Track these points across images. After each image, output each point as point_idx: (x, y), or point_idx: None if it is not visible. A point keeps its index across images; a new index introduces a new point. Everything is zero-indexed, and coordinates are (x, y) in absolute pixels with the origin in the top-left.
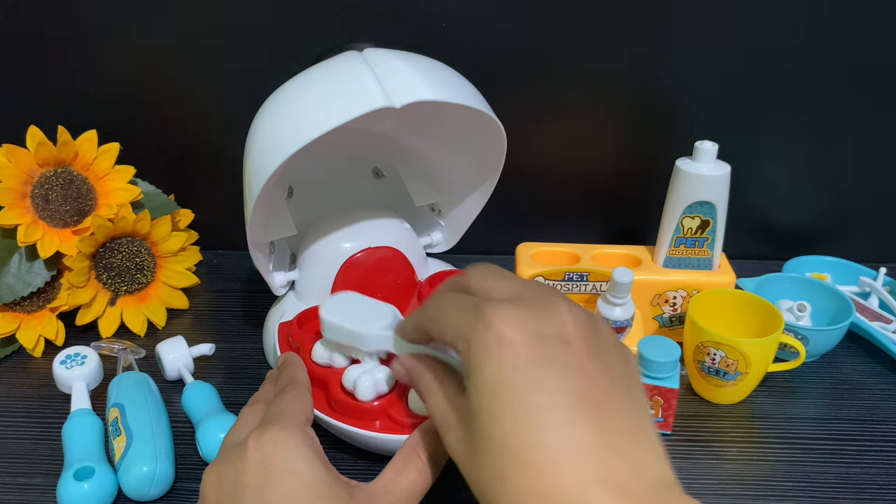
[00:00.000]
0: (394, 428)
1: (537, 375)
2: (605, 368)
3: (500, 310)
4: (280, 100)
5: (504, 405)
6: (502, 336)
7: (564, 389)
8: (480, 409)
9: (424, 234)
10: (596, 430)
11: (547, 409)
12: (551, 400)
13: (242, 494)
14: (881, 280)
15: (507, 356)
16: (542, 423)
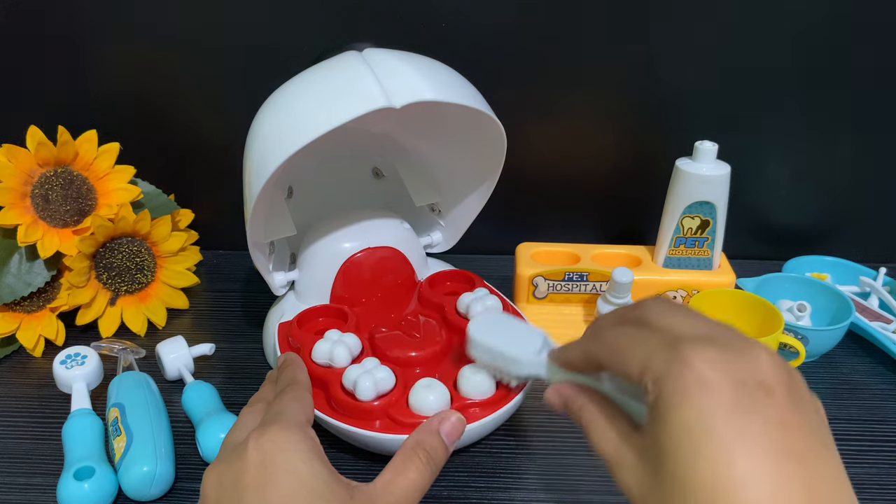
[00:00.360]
0: (394, 428)
1: (740, 423)
2: (806, 421)
3: (700, 350)
4: (280, 100)
5: (704, 449)
6: (703, 377)
7: (768, 441)
8: (674, 451)
9: (424, 234)
10: (801, 483)
11: (751, 458)
12: (756, 451)
13: (242, 494)
14: (881, 280)
15: (708, 399)
16: (747, 475)
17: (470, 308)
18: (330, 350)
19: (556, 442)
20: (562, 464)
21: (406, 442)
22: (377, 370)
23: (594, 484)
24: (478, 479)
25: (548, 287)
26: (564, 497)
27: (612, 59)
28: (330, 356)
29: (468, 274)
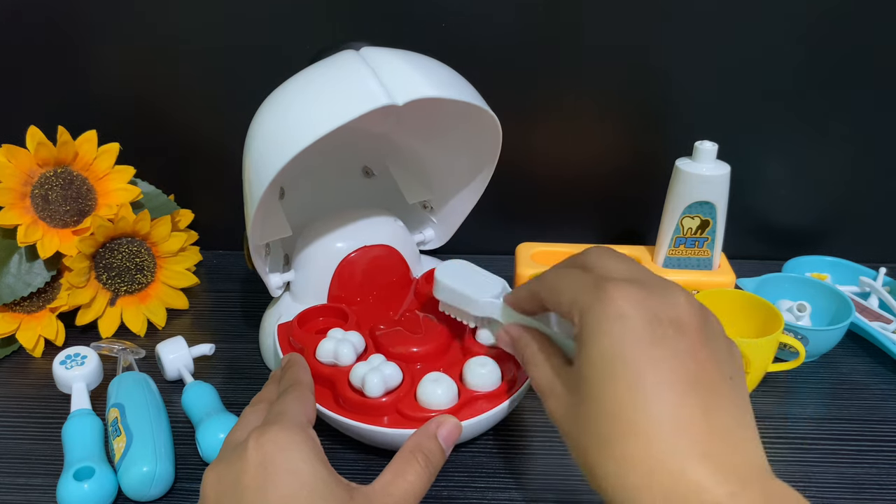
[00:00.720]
0: (403, 423)
1: (652, 353)
2: (714, 356)
3: (621, 287)
4: (280, 99)
5: (617, 376)
6: (621, 312)
7: (676, 370)
8: (592, 378)
9: (416, 231)
10: (703, 412)
11: (658, 386)
12: (663, 377)
13: (242, 494)
14: (881, 280)
15: (624, 331)
16: (654, 397)
17: None
18: (335, 349)
19: (555, 442)
20: (562, 464)
21: (404, 445)
22: (385, 366)
23: None
24: (478, 479)
25: None
26: (564, 497)
27: (612, 59)
28: (335, 355)
29: None
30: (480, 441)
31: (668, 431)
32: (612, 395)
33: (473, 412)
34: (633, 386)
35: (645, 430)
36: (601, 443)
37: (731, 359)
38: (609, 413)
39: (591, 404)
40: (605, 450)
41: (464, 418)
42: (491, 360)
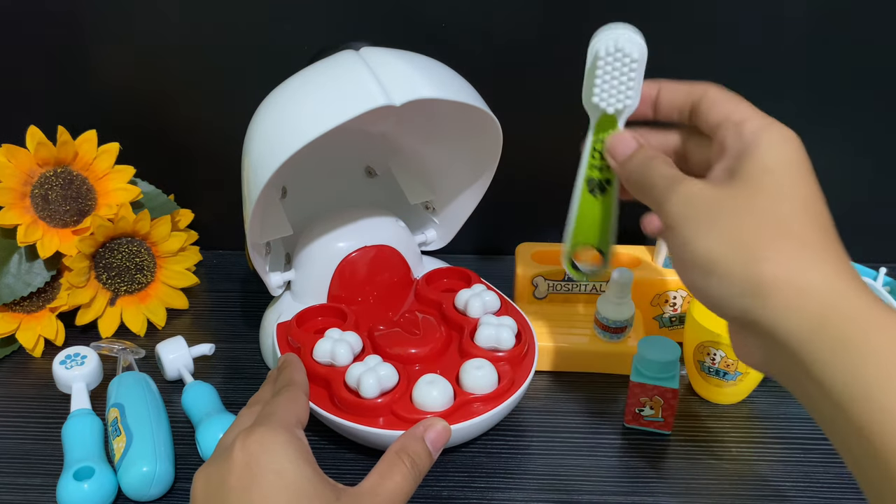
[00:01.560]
0: (398, 424)
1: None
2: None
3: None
4: (279, 99)
5: (797, 182)
6: (796, 138)
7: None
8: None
9: (418, 231)
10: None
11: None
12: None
13: (227, 495)
14: (881, 280)
15: (800, 152)
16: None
17: (468, 304)
18: (331, 349)
19: (556, 442)
20: (562, 464)
21: (391, 447)
22: (380, 367)
23: (594, 484)
24: (478, 479)
25: (548, 287)
26: (564, 497)
27: None
28: (332, 355)
29: (464, 271)
30: (480, 441)
31: (825, 248)
32: (788, 199)
33: (468, 415)
34: (808, 194)
35: (810, 241)
36: (770, 230)
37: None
38: (775, 211)
39: (758, 200)
40: (776, 236)
41: (459, 420)
42: (487, 362)
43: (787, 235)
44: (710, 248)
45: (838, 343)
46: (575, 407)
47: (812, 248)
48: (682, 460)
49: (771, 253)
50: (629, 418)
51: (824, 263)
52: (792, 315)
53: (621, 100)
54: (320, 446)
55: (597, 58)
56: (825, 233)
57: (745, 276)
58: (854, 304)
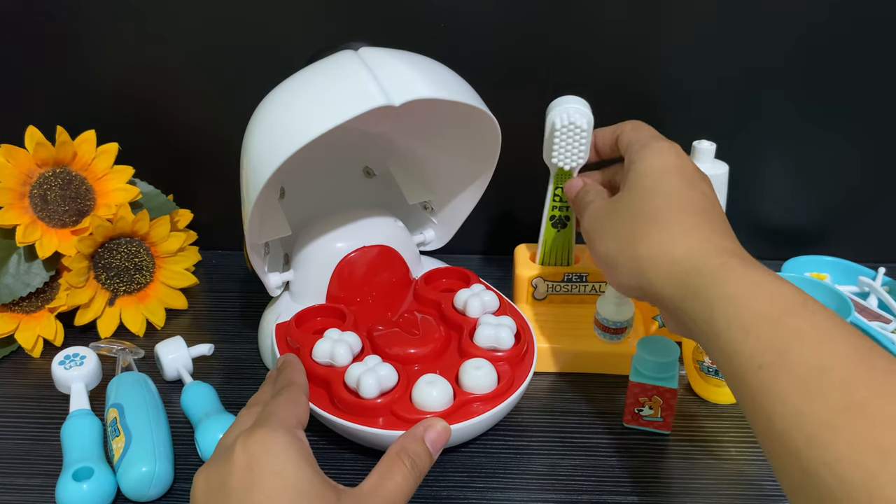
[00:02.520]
0: (398, 424)
1: (686, 181)
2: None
3: (668, 144)
4: (277, 99)
5: (661, 185)
6: (669, 149)
7: (697, 194)
8: (642, 184)
9: (416, 231)
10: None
11: (687, 199)
12: (690, 195)
13: (228, 496)
14: (880, 280)
15: (672, 159)
16: (682, 206)
17: (467, 304)
18: (331, 349)
19: (555, 442)
20: (562, 464)
21: (391, 448)
22: (380, 367)
23: (594, 484)
24: (478, 479)
25: (547, 288)
26: (564, 497)
27: (611, 59)
28: (331, 355)
29: (463, 271)
30: (480, 441)
31: (689, 227)
32: (657, 196)
33: (468, 414)
34: (677, 188)
35: (674, 223)
36: (642, 224)
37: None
38: (647, 207)
39: (636, 202)
40: (646, 227)
41: (458, 420)
42: (487, 362)
43: (657, 223)
44: (608, 248)
45: (696, 295)
46: (574, 407)
47: (679, 228)
48: (681, 460)
49: (644, 239)
50: (628, 418)
51: (688, 238)
52: (666, 282)
53: (574, 159)
54: (320, 446)
55: (553, 129)
56: (696, 215)
57: (630, 262)
58: (713, 264)
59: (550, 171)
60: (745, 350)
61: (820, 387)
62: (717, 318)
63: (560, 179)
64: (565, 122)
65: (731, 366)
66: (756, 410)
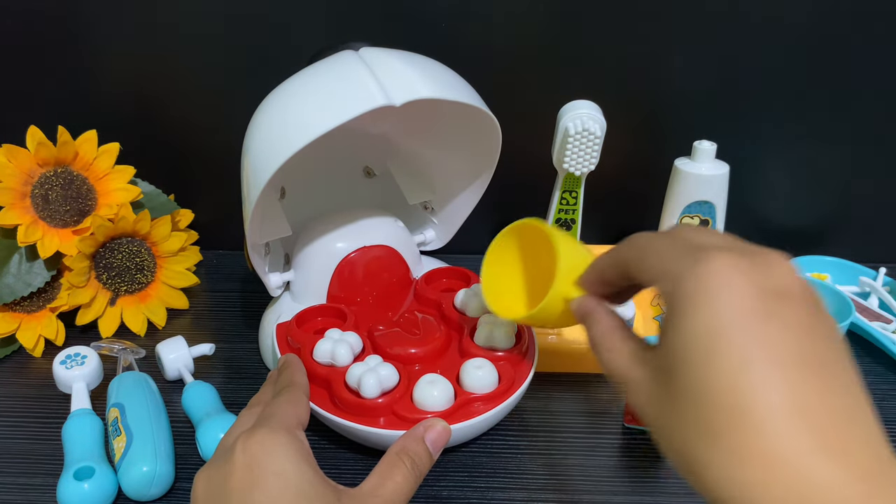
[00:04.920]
0: (398, 424)
1: (760, 328)
2: (825, 331)
3: (720, 255)
4: (278, 99)
5: (721, 355)
6: (723, 281)
7: (789, 347)
8: (689, 358)
9: (417, 231)
10: (820, 395)
11: (770, 366)
12: (775, 356)
13: (229, 496)
14: (881, 280)
15: (728, 303)
16: (766, 379)
17: (467, 304)
18: (332, 349)
19: (556, 442)
20: (562, 464)
21: (391, 448)
22: (381, 367)
23: (594, 484)
24: (478, 479)
25: None
26: (564, 497)
27: (611, 60)
28: (332, 355)
29: (463, 270)
30: (480, 441)
31: (785, 419)
32: (716, 377)
33: (469, 414)
34: (742, 366)
35: (759, 418)
36: (704, 434)
37: (838, 335)
38: (712, 399)
39: (689, 390)
40: (710, 441)
41: (459, 420)
42: (488, 362)
43: (729, 449)
44: (666, 455)
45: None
46: (575, 407)
47: (767, 462)
48: None
49: (715, 478)
50: (629, 418)
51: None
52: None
53: (586, 165)
54: (320, 446)
55: (567, 134)
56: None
57: (706, 496)
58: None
59: (559, 174)
60: None
61: None
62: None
63: (568, 183)
64: (579, 129)
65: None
66: None
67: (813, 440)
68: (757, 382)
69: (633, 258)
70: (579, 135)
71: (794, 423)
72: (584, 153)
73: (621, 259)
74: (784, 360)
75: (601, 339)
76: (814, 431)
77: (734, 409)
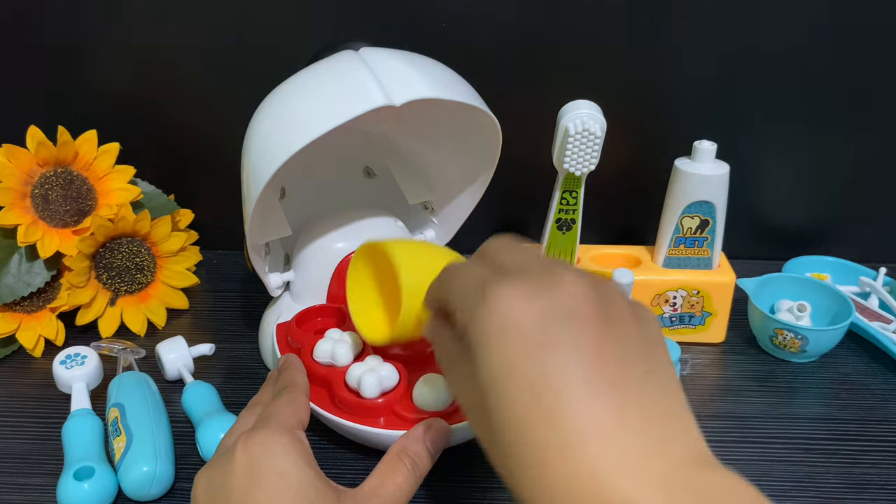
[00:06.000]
0: (399, 424)
1: (547, 359)
2: (621, 340)
3: (504, 287)
4: (278, 99)
5: (515, 398)
6: (505, 319)
7: (579, 370)
8: (492, 394)
9: (417, 231)
10: (616, 410)
11: (562, 396)
12: (565, 384)
13: (229, 497)
14: (881, 280)
15: (511, 342)
16: (559, 411)
17: None
18: (332, 349)
19: None
20: None
21: (391, 448)
22: (381, 367)
23: None
24: (478, 480)
25: None
26: None
27: (611, 60)
28: (332, 355)
29: None
30: None
31: (579, 440)
32: (516, 419)
33: None
34: (533, 404)
35: (557, 442)
36: (516, 457)
37: (645, 335)
38: (517, 429)
39: (500, 430)
40: (523, 463)
41: (459, 420)
42: None
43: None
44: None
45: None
46: None
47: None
48: None
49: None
50: None
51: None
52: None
53: (586, 165)
54: (320, 446)
55: (567, 135)
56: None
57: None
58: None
59: (559, 174)
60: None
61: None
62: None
63: (569, 183)
64: (579, 129)
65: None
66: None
67: (605, 456)
68: (550, 410)
69: (440, 291)
70: (579, 135)
71: (586, 443)
72: (584, 153)
73: (434, 292)
74: (575, 385)
75: (441, 365)
76: (606, 448)
77: (535, 445)
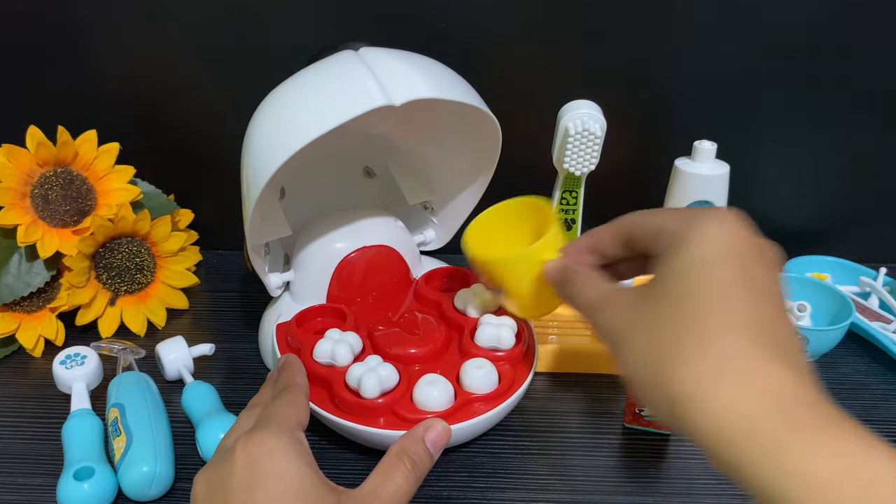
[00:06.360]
0: (398, 424)
1: (746, 267)
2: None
3: (726, 211)
4: (278, 99)
5: (711, 274)
6: (725, 227)
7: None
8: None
9: (417, 231)
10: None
11: (746, 294)
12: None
13: (229, 497)
14: (881, 280)
15: (727, 242)
16: (740, 301)
17: (467, 304)
18: (332, 349)
19: (556, 442)
20: (562, 464)
21: (391, 449)
22: (381, 367)
23: (594, 484)
24: (478, 479)
25: None
26: (564, 497)
27: (611, 59)
28: (332, 355)
29: (463, 270)
30: (480, 441)
31: (748, 328)
32: (702, 287)
33: (469, 414)
34: (725, 285)
35: (726, 324)
36: (677, 331)
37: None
38: (693, 303)
39: (673, 294)
40: (681, 338)
41: (459, 420)
42: (488, 362)
43: (699, 345)
44: (631, 366)
45: (755, 464)
46: (575, 407)
47: (726, 361)
48: (681, 460)
49: (680, 366)
50: (629, 418)
51: (738, 378)
52: (712, 436)
53: (586, 165)
54: (320, 446)
55: (567, 134)
56: (750, 337)
57: (664, 398)
58: (775, 424)
59: (559, 174)
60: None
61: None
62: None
63: (569, 183)
64: (579, 129)
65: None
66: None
67: (763, 347)
68: (734, 301)
69: (637, 220)
70: (579, 135)
71: (752, 333)
72: (584, 153)
73: (626, 222)
74: (757, 293)
75: (583, 278)
76: (766, 342)
77: (709, 312)
